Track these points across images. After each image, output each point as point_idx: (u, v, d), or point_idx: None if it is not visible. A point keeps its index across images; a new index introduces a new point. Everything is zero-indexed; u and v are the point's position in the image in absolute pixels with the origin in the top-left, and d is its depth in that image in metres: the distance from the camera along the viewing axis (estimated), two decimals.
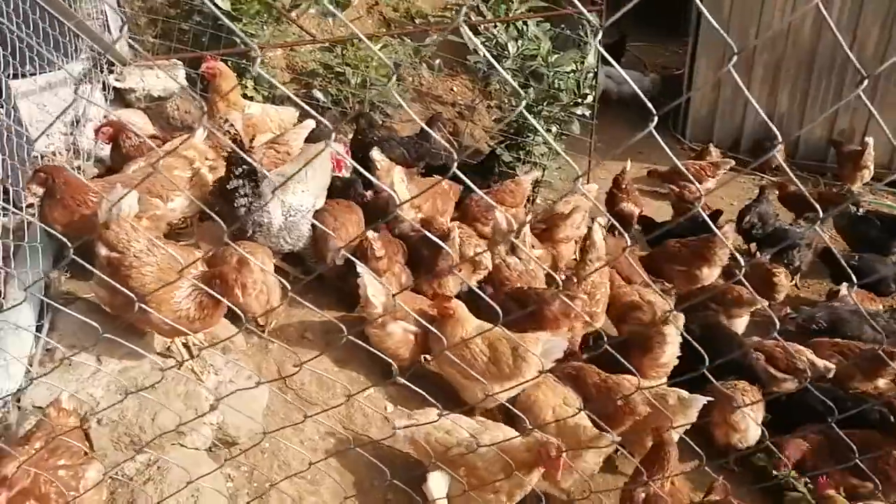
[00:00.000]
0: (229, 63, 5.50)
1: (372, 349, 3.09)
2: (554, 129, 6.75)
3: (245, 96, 5.51)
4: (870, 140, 7.85)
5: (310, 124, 5.09)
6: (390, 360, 2.67)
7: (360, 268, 4.04)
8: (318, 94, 6.10)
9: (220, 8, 5.14)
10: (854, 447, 2.67)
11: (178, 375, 3.29)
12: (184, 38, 5.62)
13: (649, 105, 1.44)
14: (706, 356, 3.57)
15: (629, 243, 2.46)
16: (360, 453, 3.80)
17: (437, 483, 3.19)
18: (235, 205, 4.06)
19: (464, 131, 7.28)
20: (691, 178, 6.77)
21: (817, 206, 1.87)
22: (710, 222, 2.01)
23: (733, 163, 7.65)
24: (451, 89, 8.39)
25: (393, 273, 4.53)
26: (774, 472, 4.12)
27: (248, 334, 4.09)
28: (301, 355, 4.18)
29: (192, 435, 3.15)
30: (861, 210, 6.82)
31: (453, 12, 9.35)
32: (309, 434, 3.72)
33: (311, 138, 5.60)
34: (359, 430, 3.91)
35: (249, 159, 4.11)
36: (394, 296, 2.10)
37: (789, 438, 4.22)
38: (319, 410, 3.74)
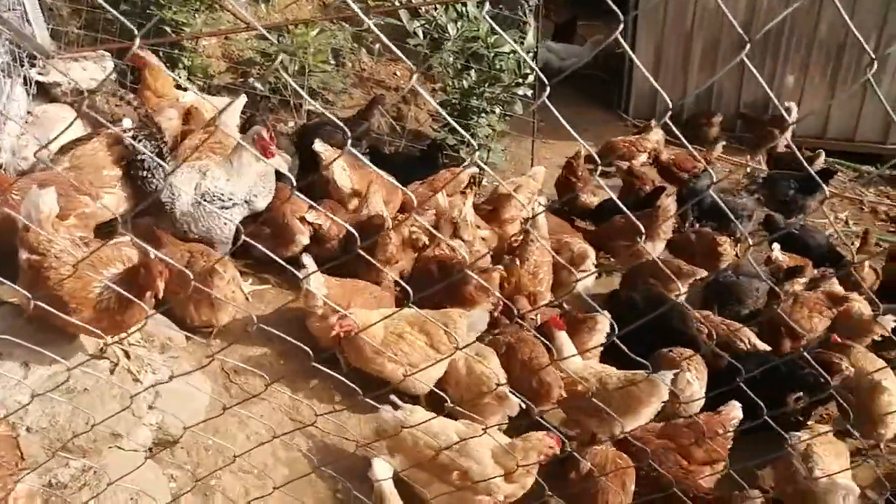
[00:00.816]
0: (160, 53, 5.34)
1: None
2: (497, 110, 6.74)
3: (178, 87, 5.36)
4: (792, 105, 8.13)
5: (240, 102, 5.00)
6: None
7: (307, 258, 3.99)
8: (256, 83, 5.97)
9: None
10: None
11: (113, 377, 3.21)
12: (111, 28, 5.43)
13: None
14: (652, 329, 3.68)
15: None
16: (311, 446, 3.81)
17: (382, 467, 3.21)
18: (138, 180, 3.90)
19: (407, 115, 7.22)
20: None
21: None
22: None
23: (660, 135, 7.67)
24: (395, 73, 8.31)
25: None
26: None
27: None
28: (244, 350, 4.13)
29: (130, 437, 3.08)
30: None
31: None
32: (255, 428, 3.68)
33: (248, 126, 5.51)
34: (307, 423, 3.88)
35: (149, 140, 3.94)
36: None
37: None
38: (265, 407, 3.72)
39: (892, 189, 8.28)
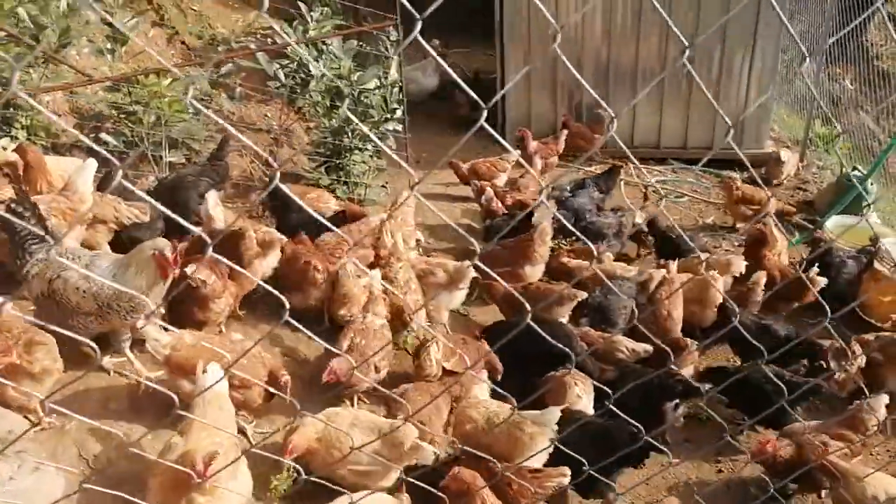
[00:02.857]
0: None
1: None
2: (370, 146, 6.69)
3: None
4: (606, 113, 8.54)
5: (92, 163, 4.69)
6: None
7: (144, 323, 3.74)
8: (108, 137, 5.62)
9: None
10: None
11: None
12: None
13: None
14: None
15: None
16: None
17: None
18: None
19: (277, 156, 7.05)
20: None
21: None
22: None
23: (515, 158, 7.78)
24: (265, 115, 8.12)
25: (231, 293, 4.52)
26: None
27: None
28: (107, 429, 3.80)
29: None
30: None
31: (257, 36, 9.08)
32: None
33: (104, 185, 5.17)
34: None
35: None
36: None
37: None
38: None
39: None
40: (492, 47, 9.25)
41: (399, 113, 6.35)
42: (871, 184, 7.20)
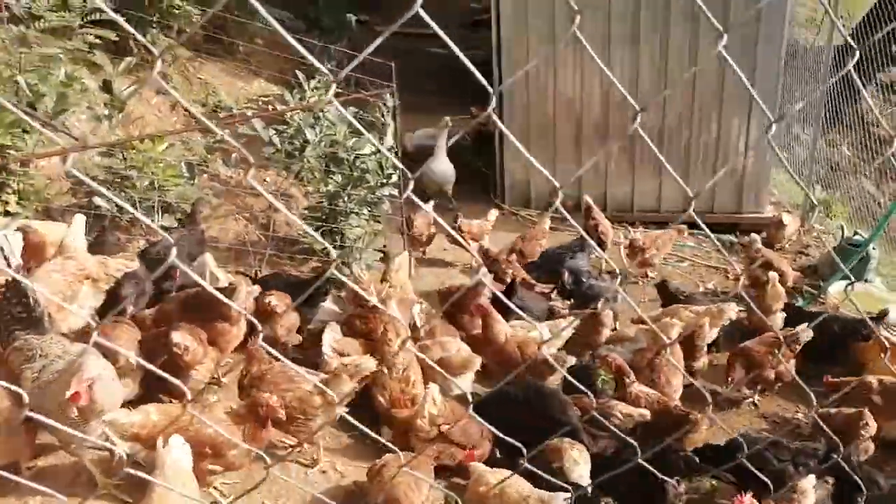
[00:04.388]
0: None
1: None
2: (365, 211, 6.67)
3: (7, 213, 4.96)
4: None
5: (80, 219, 4.70)
6: None
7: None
8: (101, 202, 5.62)
9: None
10: None
11: None
12: None
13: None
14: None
15: None
16: None
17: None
18: None
19: (274, 222, 7.04)
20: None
21: None
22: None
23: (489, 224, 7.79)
24: (265, 180, 8.16)
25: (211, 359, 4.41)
26: None
27: None
28: None
29: None
30: None
31: (259, 104, 9.24)
32: None
33: (97, 247, 5.16)
34: None
35: None
36: None
37: None
38: None
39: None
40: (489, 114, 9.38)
41: (394, 178, 6.35)
42: (874, 248, 7.10)
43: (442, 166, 8.84)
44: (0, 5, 5.54)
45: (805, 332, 5.43)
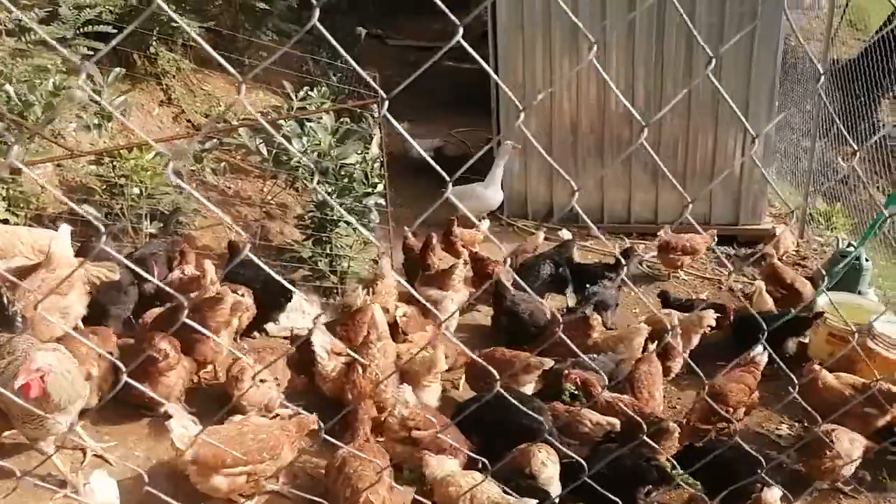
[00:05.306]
0: None
1: None
2: (354, 220, 6.74)
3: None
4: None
5: (66, 229, 4.81)
6: None
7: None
8: (91, 209, 5.76)
9: None
10: None
11: None
12: None
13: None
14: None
15: None
16: None
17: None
18: None
19: (260, 231, 7.15)
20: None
21: None
22: None
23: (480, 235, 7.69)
24: (261, 190, 8.28)
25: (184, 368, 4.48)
26: None
27: None
28: None
29: None
30: None
31: (260, 115, 9.40)
32: None
33: (84, 255, 5.27)
34: None
35: None
36: None
37: None
38: None
39: (746, 267, 8.68)
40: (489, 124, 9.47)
41: (380, 187, 6.42)
42: (866, 259, 7.01)
43: (498, 195, 8.88)
44: None
45: (761, 355, 5.43)
